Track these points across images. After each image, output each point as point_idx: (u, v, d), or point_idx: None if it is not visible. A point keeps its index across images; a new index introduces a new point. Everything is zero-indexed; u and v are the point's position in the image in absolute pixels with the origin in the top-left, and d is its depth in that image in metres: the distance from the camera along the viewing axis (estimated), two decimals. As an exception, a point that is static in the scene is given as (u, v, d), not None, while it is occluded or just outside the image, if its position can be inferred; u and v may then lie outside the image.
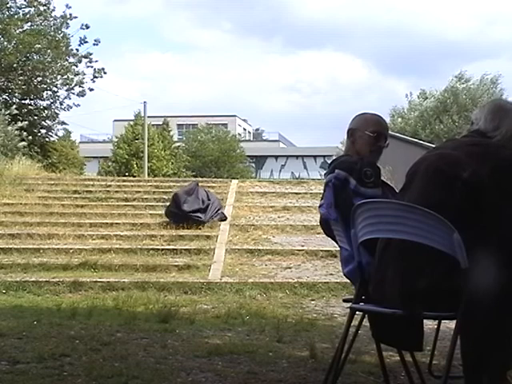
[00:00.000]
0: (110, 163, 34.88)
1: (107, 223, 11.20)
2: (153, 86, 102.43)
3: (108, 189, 14.55)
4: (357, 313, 3.05)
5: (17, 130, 18.33)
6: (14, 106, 19.87)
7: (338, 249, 3.52)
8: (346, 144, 3.61)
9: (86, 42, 23.37)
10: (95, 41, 23.66)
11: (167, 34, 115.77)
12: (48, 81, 22.79)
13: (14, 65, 21.80)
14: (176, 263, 8.64)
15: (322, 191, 3.62)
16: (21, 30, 22.17)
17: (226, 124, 54.20)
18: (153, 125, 37.33)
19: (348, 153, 3.54)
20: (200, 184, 15.83)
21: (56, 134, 24.08)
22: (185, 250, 9.29)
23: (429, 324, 5.16)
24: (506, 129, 2.99)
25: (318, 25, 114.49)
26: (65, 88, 22.97)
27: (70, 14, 23.01)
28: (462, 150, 2.87)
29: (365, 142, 3.47)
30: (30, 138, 20.11)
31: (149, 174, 31.08)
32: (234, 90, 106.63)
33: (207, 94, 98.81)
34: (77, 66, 23.21)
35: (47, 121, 23.27)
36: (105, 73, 23.62)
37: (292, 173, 49.42)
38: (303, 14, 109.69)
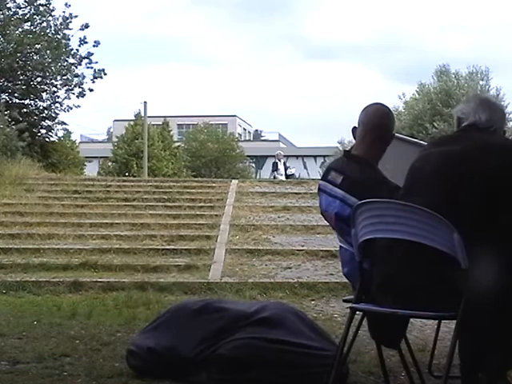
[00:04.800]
0: (110, 163, 34.91)
1: (107, 223, 11.19)
2: (164, 92, 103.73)
3: (108, 189, 14.54)
4: (357, 313, 3.05)
5: (17, 130, 18.33)
6: (16, 111, 19.86)
7: (338, 249, 3.53)
8: (357, 139, 3.53)
9: (86, 42, 23.35)
10: (95, 42, 23.64)
11: (189, 48, 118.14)
12: (48, 81, 22.79)
13: (14, 65, 21.79)
14: (176, 263, 8.62)
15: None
16: (20, 30, 22.17)
17: (226, 124, 54.20)
18: (153, 125, 37.34)
19: (356, 149, 3.51)
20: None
21: (56, 135, 24.09)
22: (185, 250, 9.28)
23: (429, 324, 5.18)
24: (497, 120, 3.04)
25: (334, 39, 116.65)
26: (64, 89, 22.97)
27: (70, 14, 23.02)
28: (469, 145, 2.87)
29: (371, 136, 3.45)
30: (30, 138, 20.10)
31: (149, 174, 31.06)
32: (247, 97, 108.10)
33: (218, 101, 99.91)
34: (77, 67, 23.20)
35: (47, 121, 23.26)
36: (105, 74, 23.54)
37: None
38: (320, 30, 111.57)
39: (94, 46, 23.59)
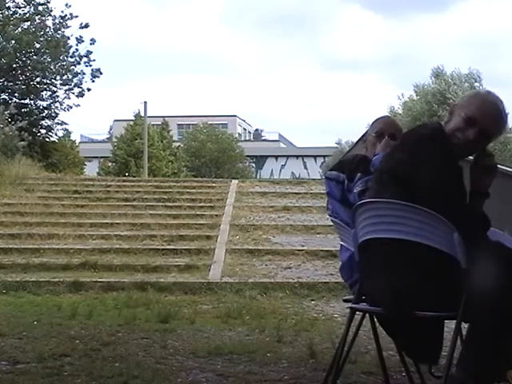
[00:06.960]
0: (109, 163, 34.92)
1: (107, 223, 11.18)
2: (164, 92, 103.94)
3: (108, 189, 14.53)
4: (357, 313, 3.05)
5: (17, 130, 18.31)
6: (13, 105, 19.80)
7: (338, 249, 3.53)
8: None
9: (83, 41, 23.44)
10: (91, 40, 23.70)
11: (189, 48, 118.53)
12: (47, 81, 22.80)
13: (14, 65, 21.80)
14: (176, 263, 8.62)
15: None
16: (20, 29, 22.18)
17: (226, 124, 54.22)
18: (153, 125, 37.33)
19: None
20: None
21: (56, 134, 24.09)
22: (185, 250, 9.28)
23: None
24: None
25: (344, 50, 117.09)
26: (64, 88, 23.00)
27: (71, 14, 23.05)
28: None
29: (370, 143, 3.57)
30: (30, 138, 20.09)
31: (149, 174, 31.05)
32: (247, 98, 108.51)
33: (218, 101, 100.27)
34: (75, 66, 23.23)
35: (47, 121, 23.27)
36: (101, 73, 23.67)
37: (292, 173, 49.38)
38: (334, 41, 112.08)
39: (90, 43, 23.69)
